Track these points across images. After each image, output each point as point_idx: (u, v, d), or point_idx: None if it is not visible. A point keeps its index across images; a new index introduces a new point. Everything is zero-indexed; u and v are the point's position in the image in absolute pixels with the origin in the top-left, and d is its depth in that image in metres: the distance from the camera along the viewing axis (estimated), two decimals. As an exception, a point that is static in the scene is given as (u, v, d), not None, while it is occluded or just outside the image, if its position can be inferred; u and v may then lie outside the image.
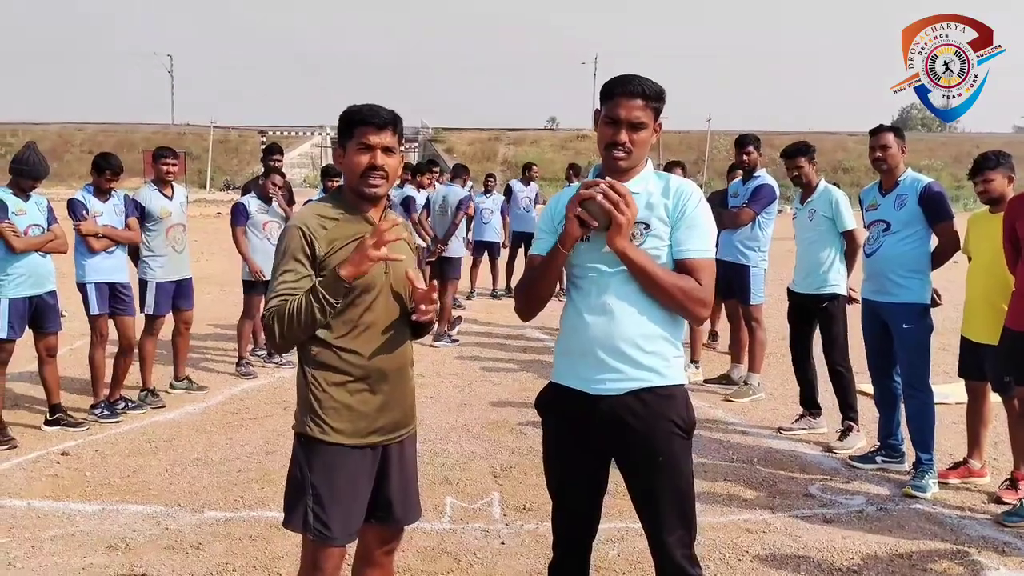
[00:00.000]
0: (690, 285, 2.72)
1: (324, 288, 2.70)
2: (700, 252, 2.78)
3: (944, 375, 7.22)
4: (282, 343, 2.82)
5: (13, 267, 5.91)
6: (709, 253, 2.81)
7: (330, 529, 2.80)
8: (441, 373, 8.25)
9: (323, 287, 2.71)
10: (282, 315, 2.73)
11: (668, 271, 2.73)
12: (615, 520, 4.48)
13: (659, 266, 2.74)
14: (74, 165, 49.82)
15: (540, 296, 2.90)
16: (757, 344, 7.46)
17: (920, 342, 5.31)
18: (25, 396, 7.13)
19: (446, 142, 59.33)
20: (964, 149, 51.94)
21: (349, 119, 2.86)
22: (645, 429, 2.75)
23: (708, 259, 2.79)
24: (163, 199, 7.09)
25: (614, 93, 2.79)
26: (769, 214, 7.41)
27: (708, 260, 2.79)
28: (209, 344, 9.40)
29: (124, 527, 4.64)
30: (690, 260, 2.77)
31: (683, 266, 2.77)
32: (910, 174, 5.43)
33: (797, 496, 5.19)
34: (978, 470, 5.40)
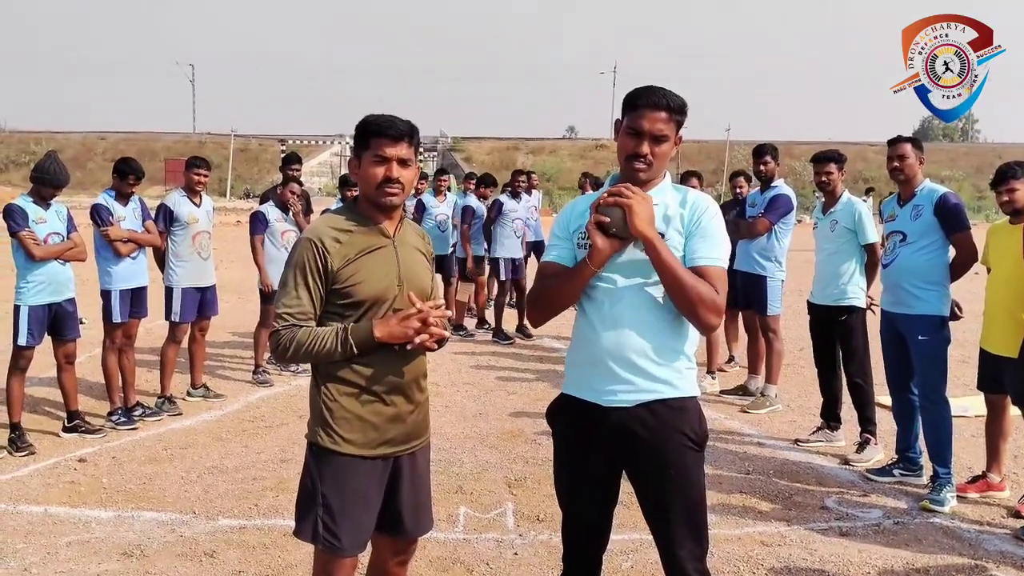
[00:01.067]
0: (707, 289, 2.69)
1: (355, 339, 2.75)
2: (713, 260, 2.76)
3: (964, 387, 7.16)
4: (290, 360, 2.87)
5: (33, 275, 5.96)
6: (722, 262, 2.78)
7: (339, 540, 2.80)
8: (456, 383, 8.25)
9: (355, 338, 2.76)
10: (300, 343, 2.76)
11: (685, 272, 2.69)
12: (629, 531, 4.46)
13: (680, 262, 2.71)
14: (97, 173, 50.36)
15: (559, 309, 2.89)
16: (774, 355, 7.41)
17: (936, 354, 5.26)
18: (44, 402, 7.18)
19: (465, 151, 59.54)
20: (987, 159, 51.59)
21: (365, 130, 2.85)
22: (656, 441, 2.73)
23: (721, 268, 2.77)
24: (191, 206, 7.20)
25: (638, 104, 2.77)
26: (786, 224, 7.37)
27: (721, 269, 2.77)
28: (226, 352, 9.45)
29: (139, 534, 4.66)
30: (703, 268, 2.74)
31: (696, 273, 2.74)
32: (928, 185, 5.40)
33: (813, 509, 5.15)
34: (997, 484, 5.34)
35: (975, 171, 52.46)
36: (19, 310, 5.96)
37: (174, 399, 7.14)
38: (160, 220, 7.04)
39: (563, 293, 2.83)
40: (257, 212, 8.32)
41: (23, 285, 5.97)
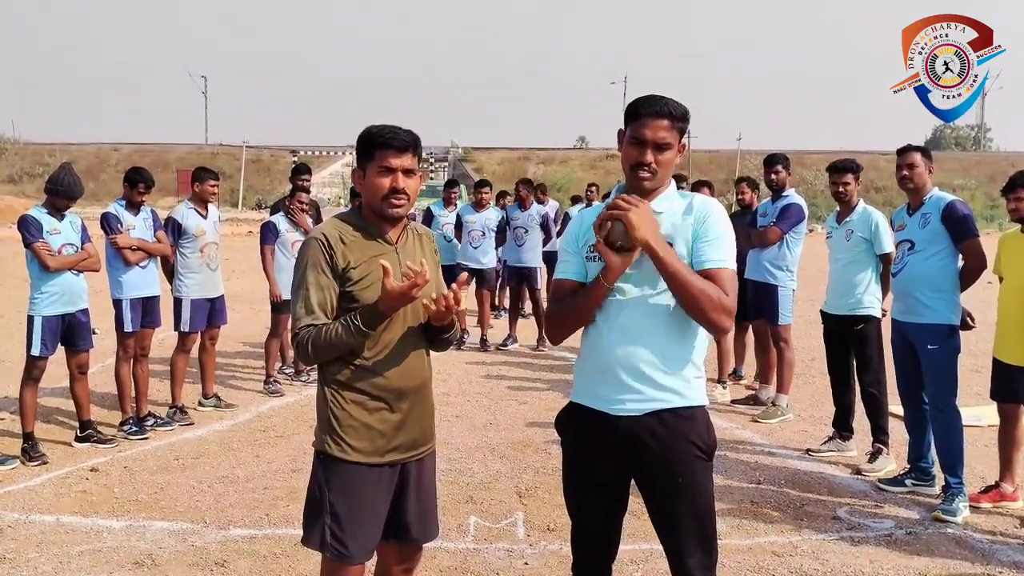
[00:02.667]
0: (715, 291, 2.69)
1: (361, 314, 2.75)
2: (721, 262, 2.76)
3: (976, 397, 7.11)
4: (315, 360, 2.88)
5: (47, 285, 6.00)
6: (730, 264, 2.79)
7: (347, 548, 2.81)
8: (467, 392, 8.25)
9: (361, 314, 2.75)
10: (317, 340, 2.78)
11: (694, 275, 2.70)
12: (638, 541, 4.45)
13: (687, 267, 2.71)
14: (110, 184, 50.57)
15: (577, 327, 2.90)
16: (785, 365, 7.39)
17: (945, 363, 5.23)
18: (57, 412, 7.22)
19: (476, 161, 59.56)
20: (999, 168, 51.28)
21: (369, 141, 2.87)
22: (664, 450, 2.73)
23: (730, 270, 2.78)
24: (198, 217, 7.24)
25: (639, 113, 2.79)
26: (798, 233, 7.36)
27: (730, 271, 2.78)
28: (238, 362, 9.48)
29: (151, 543, 4.68)
30: (712, 270, 2.74)
31: (704, 277, 2.74)
32: (936, 193, 5.39)
33: (825, 519, 5.13)
34: (1010, 494, 5.30)
35: (988, 180, 52.17)
36: (33, 320, 6.00)
37: (185, 409, 7.17)
38: (169, 233, 7.10)
39: (580, 311, 2.84)
40: (268, 222, 8.36)
41: (37, 296, 6.01)
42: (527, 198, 10.88)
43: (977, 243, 5.23)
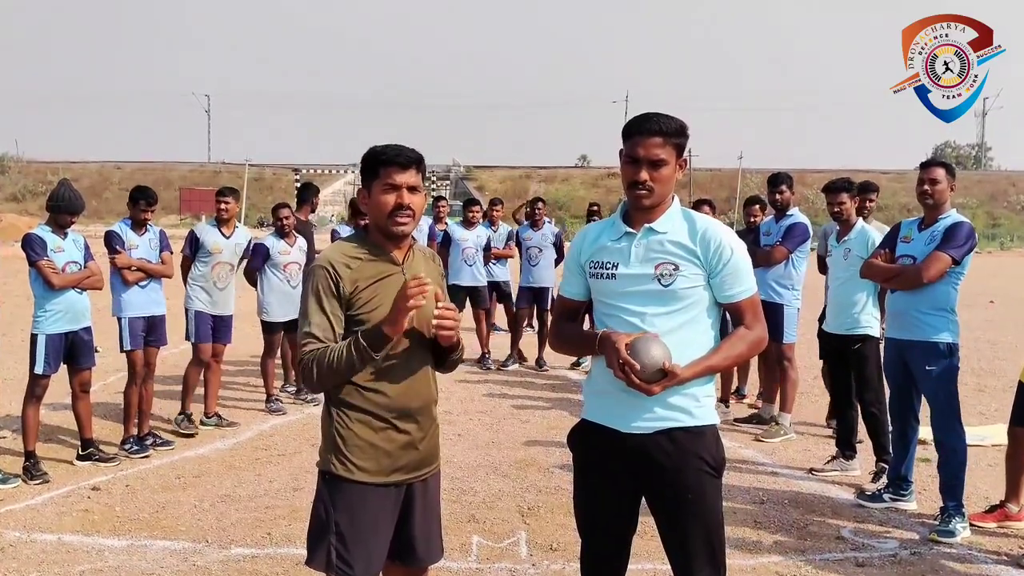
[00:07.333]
0: (742, 345, 2.82)
1: (367, 339, 2.73)
2: (745, 293, 2.84)
3: (979, 416, 7.10)
4: (319, 386, 2.86)
5: (51, 303, 6.01)
6: (753, 288, 2.88)
7: (352, 568, 2.80)
8: (469, 411, 8.24)
9: (365, 339, 2.73)
10: (321, 362, 2.76)
11: (722, 352, 2.81)
12: (643, 561, 4.43)
13: (713, 355, 2.79)
14: (113, 203, 50.79)
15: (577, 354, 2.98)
16: (789, 383, 7.38)
17: (944, 384, 5.16)
18: (58, 430, 7.21)
19: (477, 180, 59.77)
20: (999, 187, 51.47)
21: (374, 159, 2.88)
22: (674, 466, 2.74)
23: (754, 297, 2.86)
24: (219, 236, 7.38)
25: (632, 132, 2.81)
26: (802, 252, 7.37)
27: (754, 298, 2.87)
28: (240, 380, 9.47)
29: (152, 563, 4.66)
30: (738, 304, 2.83)
31: (732, 309, 2.84)
32: (953, 215, 5.24)
33: (829, 539, 5.10)
34: (1015, 514, 5.27)
35: (988, 199, 52.31)
36: (36, 339, 6.00)
37: (192, 417, 7.28)
38: (187, 246, 7.37)
39: (584, 349, 3.04)
40: (258, 244, 8.22)
41: (41, 314, 6.02)
42: (540, 219, 10.81)
43: (945, 259, 5.05)
